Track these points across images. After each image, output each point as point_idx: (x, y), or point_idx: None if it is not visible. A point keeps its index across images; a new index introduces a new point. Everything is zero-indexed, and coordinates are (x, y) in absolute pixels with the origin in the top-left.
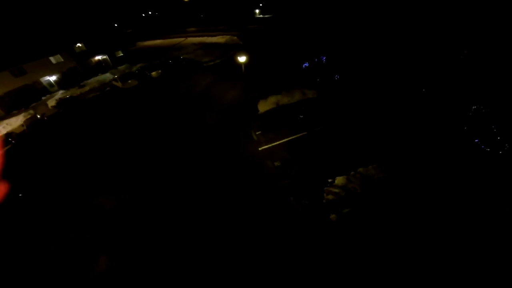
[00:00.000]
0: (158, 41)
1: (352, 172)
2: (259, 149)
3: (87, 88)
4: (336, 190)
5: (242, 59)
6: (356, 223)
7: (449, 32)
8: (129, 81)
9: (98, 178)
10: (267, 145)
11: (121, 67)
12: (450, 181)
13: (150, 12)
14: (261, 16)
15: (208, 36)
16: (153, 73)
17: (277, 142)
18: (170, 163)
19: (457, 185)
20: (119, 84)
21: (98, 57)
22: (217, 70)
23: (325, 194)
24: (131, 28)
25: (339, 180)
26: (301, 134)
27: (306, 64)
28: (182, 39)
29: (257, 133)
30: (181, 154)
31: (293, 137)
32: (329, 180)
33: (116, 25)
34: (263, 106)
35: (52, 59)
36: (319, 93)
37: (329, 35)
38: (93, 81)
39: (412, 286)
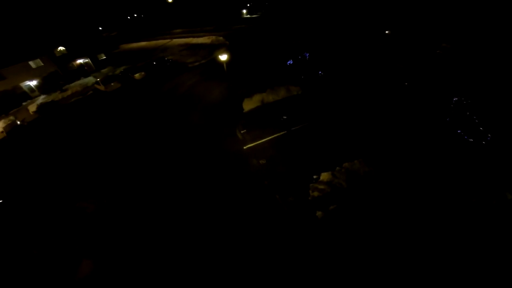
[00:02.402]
0: (143, 43)
1: (338, 168)
2: (244, 147)
3: (69, 92)
4: (322, 187)
5: (223, 57)
6: (342, 219)
7: (427, 26)
8: (112, 84)
9: (80, 182)
10: (252, 143)
11: (104, 70)
12: (436, 173)
13: (135, 15)
14: (248, 16)
15: (193, 37)
16: (136, 75)
17: (263, 140)
18: (153, 165)
19: (443, 177)
20: (101, 87)
21: (80, 61)
22: (202, 70)
23: (310, 191)
24: (116, 31)
25: (324, 176)
26: (285, 132)
27: (291, 62)
28: (167, 40)
29: (242, 131)
30: (165, 155)
31: (278, 134)
32: (314, 177)
33: (100, 28)
34: (248, 105)
35: (31, 63)
36: (304, 90)
37: (311, 32)
38: (75, 85)
39: (401, 285)
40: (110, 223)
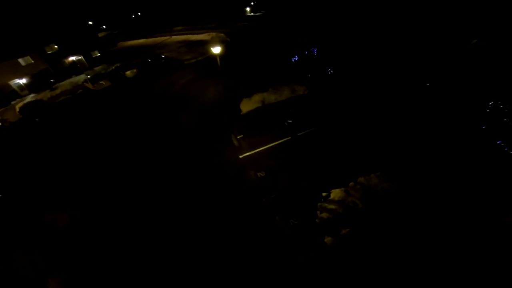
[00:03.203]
0: (141, 41)
1: (351, 183)
2: (240, 156)
3: (58, 91)
4: (332, 206)
5: (216, 50)
6: (357, 247)
7: (454, 19)
8: (102, 82)
9: (52, 192)
10: (249, 151)
11: (97, 68)
12: (470, 191)
13: (139, 13)
14: (252, 14)
15: (193, 34)
16: (128, 73)
17: (262, 148)
18: (135, 175)
19: (479, 195)
20: (89, 85)
21: (72, 58)
22: (199, 67)
23: (318, 212)
24: (118, 30)
25: (336, 193)
26: (289, 138)
27: (296, 58)
28: (166, 37)
29: (238, 137)
30: (148, 164)
31: (281, 141)
32: (324, 194)
33: (104, 27)
34: (247, 106)
35: (21, 61)
36: (311, 90)
37: (321, 24)
38: (66, 83)
39: None
40: (83, 238)
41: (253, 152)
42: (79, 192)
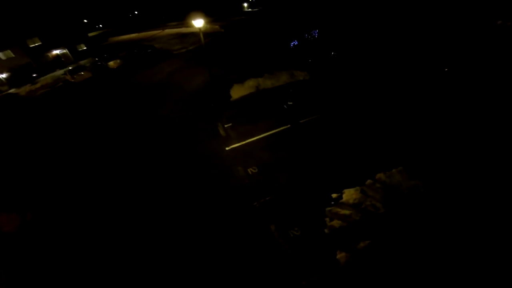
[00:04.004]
0: (132, 35)
1: (369, 181)
2: (227, 148)
3: (38, 85)
4: (346, 212)
5: (198, 23)
6: (380, 265)
7: None
8: (82, 73)
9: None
10: (239, 142)
11: (83, 62)
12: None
13: (136, 12)
14: (249, 10)
15: (187, 27)
16: (111, 63)
17: (254, 138)
18: (100, 172)
19: None
20: (68, 77)
21: (56, 51)
22: (189, 57)
23: (327, 219)
24: (113, 27)
25: (349, 194)
26: (288, 126)
27: (295, 42)
28: (159, 31)
29: (226, 126)
30: (117, 159)
31: (278, 130)
32: (333, 196)
33: (101, 25)
34: (238, 91)
35: (1, 54)
36: (312, 75)
37: (322, 4)
38: (48, 77)
39: None
40: (34, 245)
41: (243, 143)
42: (34, 191)
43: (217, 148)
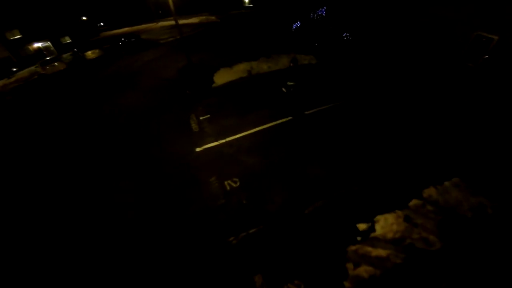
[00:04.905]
0: (125, 29)
1: (414, 201)
2: (197, 149)
3: (13, 79)
4: (381, 252)
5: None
6: None
7: None
8: (56, 64)
9: None
10: (217, 140)
11: (66, 55)
12: None
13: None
14: (250, 5)
15: (182, 19)
16: (89, 53)
17: (239, 135)
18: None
19: None
20: (39, 69)
21: (38, 44)
22: (174, 45)
23: (350, 265)
24: (111, 25)
25: (386, 223)
26: (290, 119)
27: (298, 24)
28: (153, 24)
29: (201, 118)
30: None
31: (274, 123)
32: (361, 228)
33: (101, 24)
34: (224, 76)
35: None
36: (320, 59)
37: None
38: (26, 71)
39: None
40: None
41: (222, 141)
42: None
43: (182, 149)
